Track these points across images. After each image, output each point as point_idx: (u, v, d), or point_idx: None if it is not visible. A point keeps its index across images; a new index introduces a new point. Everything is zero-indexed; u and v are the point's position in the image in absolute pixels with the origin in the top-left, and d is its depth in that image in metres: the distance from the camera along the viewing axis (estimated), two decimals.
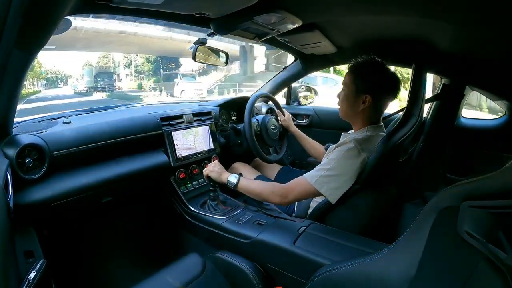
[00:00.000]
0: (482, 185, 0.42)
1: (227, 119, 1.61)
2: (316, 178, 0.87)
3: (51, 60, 36.47)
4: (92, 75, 18.93)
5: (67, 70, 43.82)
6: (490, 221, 0.39)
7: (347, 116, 1.02)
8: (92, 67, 22.59)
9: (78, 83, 29.17)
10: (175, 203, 1.22)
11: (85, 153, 0.95)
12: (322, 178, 0.86)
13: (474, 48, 0.95)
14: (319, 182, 0.86)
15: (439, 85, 1.36)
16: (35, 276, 0.49)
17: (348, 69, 1.00)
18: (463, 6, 0.68)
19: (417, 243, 0.49)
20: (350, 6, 0.85)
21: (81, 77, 16.81)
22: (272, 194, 0.93)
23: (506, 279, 0.34)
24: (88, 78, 19.48)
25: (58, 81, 38.07)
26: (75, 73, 46.14)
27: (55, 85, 34.52)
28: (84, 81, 18.20)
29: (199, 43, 1.18)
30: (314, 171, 0.90)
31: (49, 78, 32.81)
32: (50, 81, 33.23)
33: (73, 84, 31.91)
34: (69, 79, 44.17)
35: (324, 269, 0.66)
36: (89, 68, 21.19)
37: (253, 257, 0.93)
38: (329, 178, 0.86)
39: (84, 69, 19.54)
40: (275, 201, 0.94)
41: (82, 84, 21.30)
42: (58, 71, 37.35)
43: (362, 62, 0.97)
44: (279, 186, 0.93)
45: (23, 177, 0.79)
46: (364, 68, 0.95)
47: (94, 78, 18.60)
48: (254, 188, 0.96)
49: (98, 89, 18.15)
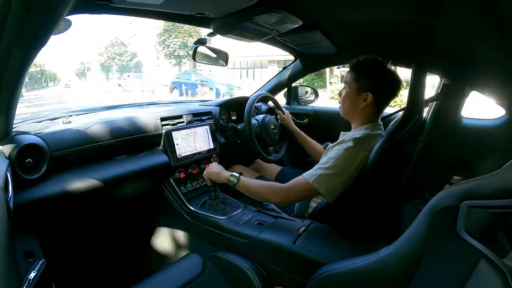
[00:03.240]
0: (482, 185, 0.42)
1: (227, 119, 1.61)
2: (315, 177, 0.87)
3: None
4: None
5: (51, 64, 39.36)
6: (490, 221, 0.39)
7: (348, 114, 1.02)
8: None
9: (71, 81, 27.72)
10: (175, 203, 1.22)
11: (85, 153, 0.95)
12: (321, 177, 0.86)
13: (474, 48, 0.95)
14: (318, 181, 0.86)
15: (439, 85, 1.36)
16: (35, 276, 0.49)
17: (349, 68, 1.00)
18: (463, 6, 0.68)
19: (416, 243, 0.49)
20: (350, 6, 0.85)
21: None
22: (272, 194, 0.92)
23: (506, 279, 0.34)
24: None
25: (43, 80, 34.60)
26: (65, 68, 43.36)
27: (39, 85, 32.04)
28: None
29: (199, 43, 1.18)
30: (313, 170, 0.89)
31: (32, 75, 29.96)
32: (33, 80, 30.56)
33: (67, 82, 29.97)
34: (57, 75, 40.69)
35: (324, 269, 0.67)
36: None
37: (253, 257, 0.93)
38: (327, 177, 0.86)
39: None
40: (275, 201, 0.94)
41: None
42: (40, 65, 33.05)
43: (363, 60, 0.97)
44: (279, 186, 0.92)
45: (23, 177, 0.79)
46: (366, 66, 0.96)
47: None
48: (255, 188, 0.96)
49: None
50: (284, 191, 0.91)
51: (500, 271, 0.36)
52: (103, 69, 31.68)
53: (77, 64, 41.03)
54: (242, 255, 0.95)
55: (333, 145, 0.98)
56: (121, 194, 1.11)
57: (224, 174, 1.02)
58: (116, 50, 29.26)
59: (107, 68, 30.93)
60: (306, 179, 0.88)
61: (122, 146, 1.07)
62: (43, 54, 23.32)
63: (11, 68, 0.61)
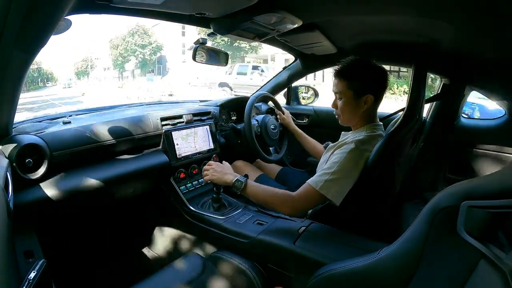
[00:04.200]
0: (482, 185, 0.42)
1: (227, 119, 1.61)
2: (321, 183, 0.85)
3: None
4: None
5: (46, 63, 36.25)
6: (490, 221, 0.39)
7: (350, 122, 1.01)
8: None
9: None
10: (175, 203, 1.22)
11: (85, 153, 0.95)
12: (327, 182, 0.85)
13: (474, 48, 0.95)
14: (325, 187, 0.85)
15: (439, 85, 1.36)
16: (35, 276, 0.49)
17: (336, 77, 0.97)
18: (463, 6, 0.68)
19: (417, 243, 0.49)
20: (350, 6, 0.85)
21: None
22: (282, 205, 0.90)
23: (506, 279, 0.34)
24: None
25: (39, 80, 32.67)
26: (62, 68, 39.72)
27: (34, 85, 29.75)
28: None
29: (199, 43, 1.18)
30: (318, 176, 0.88)
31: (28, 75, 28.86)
32: (28, 80, 27.10)
33: (68, 82, 27.17)
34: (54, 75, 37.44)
35: (324, 269, 0.67)
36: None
37: (253, 257, 0.93)
38: (333, 182, 0.85)
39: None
40: (285, 211, 0.91)
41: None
42: (37, 62, 29.53)
43: (348, 65, 0.95)
44: (290, 197, 0.89)
45: (23, 177, 0.79)
46: (355, 69, 0.94)
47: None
48: (264, 196, 0.93)
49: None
50: (295, 202, 0.88)
51: (500, 271, 0.36)
52: (117, 65, 26.18)
53: (79, 62, 37.55)
54: (242, 255, 0.95)
55: (334, 145, 0.98)
56: (121, 194, 1.11)
57: (229, 177, 0.97)
58: (138, 40, 22.96)
59: (122, 65, 25.45)
60: (313, 186, 0.86)
61: (122, 146, 1.07)
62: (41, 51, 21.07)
63: (11, 68, 0.61)
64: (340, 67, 0.96)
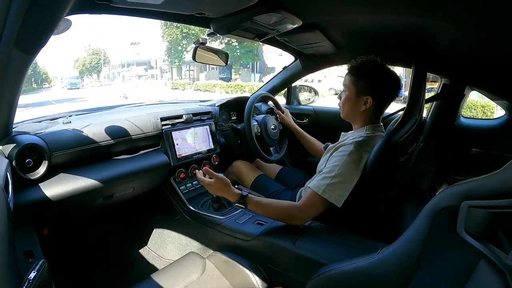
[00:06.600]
0: (482, 185, 0.42)
1: (227, 119, 1.61)
2: (323, 188, 0.85)
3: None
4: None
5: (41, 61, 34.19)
6: (490, 221, 0.39)
7: (348, 117, 1.02)
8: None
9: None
10: (175, 203, 1.22)
11: (85, 153, 0.95)
12: (329, 186, 0.85)
13: (474, 48, 0.95)
14: (327, 191, 0.85)
15: (439, 85, 1.36)
16: (35, 276, 0.49)
17: (347, 70, 0.99)
18: (464, 6, 0.68)
19: (417, 243, 0.49)
20: (350, 6, 0.85)
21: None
22: (290, 219, 0.89)
23: (506, 279, 0.34)
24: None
25: (33, 80, 31.01)
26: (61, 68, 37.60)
27: (27, 87, 26.97)
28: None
29: (199, 43, 1.18)
30: (319, 181, 0.88)
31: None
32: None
33: (76, 82, 26.16)
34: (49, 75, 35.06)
35: (324, 269, 0.66)
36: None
37: (253, 257, 0.93)
38: (335, 186, 0.85)
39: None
40: (296, 224, 0.91)
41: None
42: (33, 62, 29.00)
43: (361, 62, 0.96)
44: (296, 209, 0.88)
45: (23, 177, 0.79)
46: (364, 69, 0.95)
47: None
48: (269, 214, 0.91)
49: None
50: (302, 212, 0.88)
51: (499, 271, 0.36)
52: (173, 60, 20.48)
53: (86, 57, 34.49)
54: (242, 255, 0.95)
55: (333, 146, 0.98)
56: (121, 194, 1.11)
57: (230, 195, 0.92)
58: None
59: (179, 56, 19.77)
60: (316, 192, 0.86)
61: (122, 146, 1.07)
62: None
63: (11, 68, 0.61)
64: (353, 63, 0.97)
